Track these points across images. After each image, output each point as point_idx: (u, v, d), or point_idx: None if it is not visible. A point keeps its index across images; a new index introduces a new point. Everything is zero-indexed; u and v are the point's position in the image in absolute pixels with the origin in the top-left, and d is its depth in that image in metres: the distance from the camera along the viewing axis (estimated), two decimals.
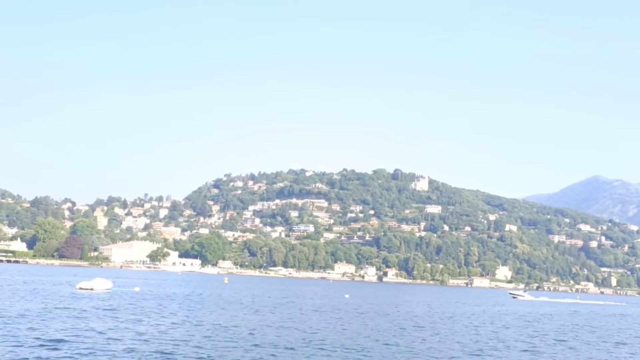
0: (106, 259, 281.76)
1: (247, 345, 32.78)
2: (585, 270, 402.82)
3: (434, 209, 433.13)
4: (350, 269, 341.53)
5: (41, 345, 28.99)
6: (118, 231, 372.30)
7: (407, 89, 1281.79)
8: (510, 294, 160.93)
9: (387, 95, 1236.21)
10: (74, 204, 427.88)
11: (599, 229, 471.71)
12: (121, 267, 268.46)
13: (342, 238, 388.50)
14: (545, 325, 59.64)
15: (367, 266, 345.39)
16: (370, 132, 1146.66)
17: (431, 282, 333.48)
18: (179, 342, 32.65)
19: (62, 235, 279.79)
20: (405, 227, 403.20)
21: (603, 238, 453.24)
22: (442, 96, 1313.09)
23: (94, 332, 34.81)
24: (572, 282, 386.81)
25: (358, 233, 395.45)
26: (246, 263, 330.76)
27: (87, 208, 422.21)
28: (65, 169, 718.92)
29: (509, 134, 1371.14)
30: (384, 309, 71.19)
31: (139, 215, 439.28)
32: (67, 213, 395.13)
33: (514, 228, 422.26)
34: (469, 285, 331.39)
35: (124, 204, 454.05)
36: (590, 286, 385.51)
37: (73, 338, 31.96)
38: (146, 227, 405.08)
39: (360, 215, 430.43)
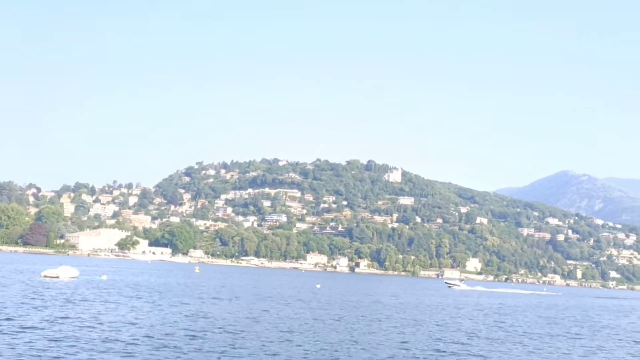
0: (73, 246, 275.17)
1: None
2: (553, 262, 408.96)
3: (406, 201, 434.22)
4: (323, 259, 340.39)
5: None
6: (85, 218, 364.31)
7: (382, 79, 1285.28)
8: (446, 283, 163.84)
9: (362, 86, 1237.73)
10: (39, 189, 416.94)
11: (566, 222, 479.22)
12: (89, 255, 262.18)
13: (315, 228, 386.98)
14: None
15: (339, 257, 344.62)
16: (345, 123, 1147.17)
17: (403, 273, 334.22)
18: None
19: (27, 222, 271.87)
20: (378, 218, 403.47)
21: (570, 231, 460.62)
22: (417, 88, 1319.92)
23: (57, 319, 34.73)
24: (539, 274, 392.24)
25: (331, 224, 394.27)
26: (218, 252, 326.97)
27: (52, 194, 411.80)
28: (30, 154, 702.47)
29: (482, 127, 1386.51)
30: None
31: (108, 203, 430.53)
32: (31, 199, 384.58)
33: (485, 221, 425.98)
34: (440, 277, 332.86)
35: (91, 191, 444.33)
36: (557, 278, 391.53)
37: (37, 324, 31.90)
38: (115, 215, 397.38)
39: (333, 205, 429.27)
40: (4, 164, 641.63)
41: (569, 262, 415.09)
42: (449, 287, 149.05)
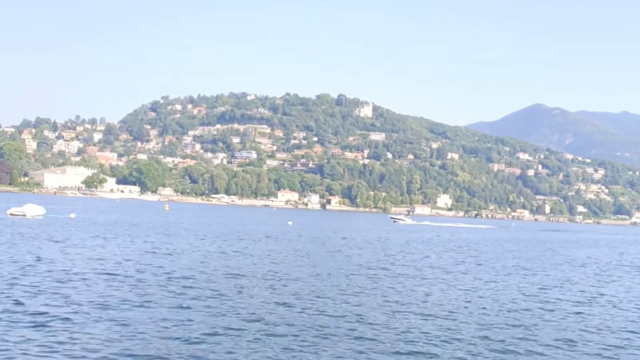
0: (38, 184, 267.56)
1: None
2: (522, 198, 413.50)
3: (377, 137, 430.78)
4: (294, 196, 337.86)
5: None
6: (49, 155, 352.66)
7: (353, 11, 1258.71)
8: (391, 218, 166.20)
9: (332, 17, 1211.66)
10: None
11: (537, 157, 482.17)
12: (55, 193, 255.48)
13: (286, 165, 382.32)
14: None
15: (310, 194, 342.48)
16: (314, 56, 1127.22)
17: (374, 210, 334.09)
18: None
19: None
20: (349, 155, 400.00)
21: (540, 166, 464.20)
22: (388, 21, 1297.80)
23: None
24: (509, 209, 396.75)
25: (301, 160, 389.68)
26: (187, 190, 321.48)
27: (13, 130, 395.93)
28: None
29: (455, 61, 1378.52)
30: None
31: (71, 139, 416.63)
32: None
33: (456, 156, 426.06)
34: (411, 213, 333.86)
35: (53, 127, 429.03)
36: (526, 213, 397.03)
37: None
38: (80, 152, 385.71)
39: (304, 142, 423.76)
40: None
41: (538, 197, 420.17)
42: (394, 221, 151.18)
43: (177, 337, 17.16)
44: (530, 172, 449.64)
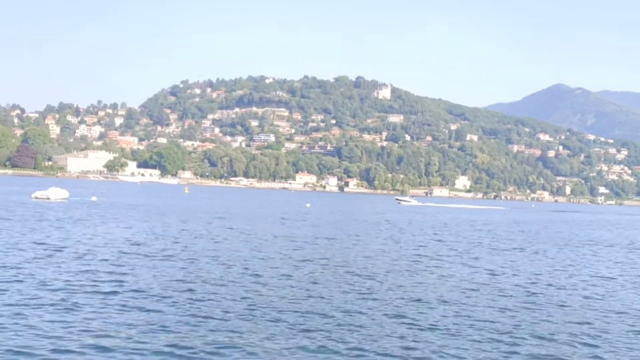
0: (61, 168, 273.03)
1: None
2: (542, 179, 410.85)
3: (395, 118, 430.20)
4: (312, 179, 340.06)
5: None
6: (72, 140, 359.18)
7: None
8: (396, 199, 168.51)
9: (350, 0, 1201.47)
10: (23, 110, 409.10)
11: (558, 138, 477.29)
12: (77, 177, 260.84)
13: (304, 148, 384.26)
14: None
15: (328, 176, 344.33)
16: (332, 37, 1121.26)
17: (392, 192, 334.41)
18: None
19: (13, 144, 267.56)
20: (367, 137, 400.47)
21: (561, 147, 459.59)
22: (404, 4, 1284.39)
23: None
24: (528, 191, 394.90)
25: (319, 143, 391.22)
26: (206, 173, 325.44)
27: (37, 115, 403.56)
28: (11, 73, 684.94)
29: (474, 41, 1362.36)
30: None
31: (93, 124, 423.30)
32: (16, 120, 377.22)
33: (475, 138, 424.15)
34: (429, 195, 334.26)
35: (76, 112, 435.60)
36: (546, 195, 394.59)
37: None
38: (101, 136, 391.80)
39: (322, 124, 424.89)
40: None
41: (558, 178, 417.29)
42: (399, 203, 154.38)
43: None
44: (551, 153, 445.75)
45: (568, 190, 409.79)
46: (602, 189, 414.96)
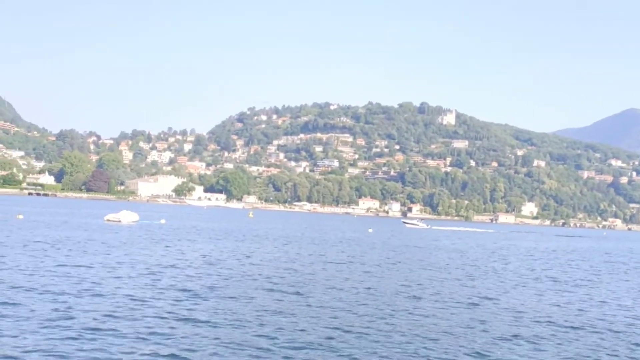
0: (132, 192, 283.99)
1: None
2: (614, 206, 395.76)
3: (460, 144, 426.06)
4: (375, 204, 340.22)
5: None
6: (143, 165, 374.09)
7: (436, 21, 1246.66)
8: (404, 222, 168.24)
9: (414, 26, 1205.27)
10: (99, 137, 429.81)
11: (631, 164, 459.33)
12: (147, 201, 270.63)
13: (367, 173, 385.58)
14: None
15: (391, 202, 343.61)
16: (396, 64, 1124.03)
17: (456, 218, 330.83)
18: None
19: (89, 169, 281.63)
20: (431, 162, 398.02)
21: (634, 173, 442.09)
22: (471, 29, 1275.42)
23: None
24: (599, 218, 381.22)
25: (383, 168, 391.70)
26: (271, 198, 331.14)
27: (111, 142, 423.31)
28: (89, 101, 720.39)
29: (542, 65, 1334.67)
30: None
31: (164, 150, 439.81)
32: (92, 147, 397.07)
33: (542, 163, 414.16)
34: (494, 222, 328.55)
35: (148, 138, 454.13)
36: (618, 222, 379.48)
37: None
38: (171, 162, 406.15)
39: (386, 150, 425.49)
40: (66, 112, 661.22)
41: (632, 205, 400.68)
42: (405, 225, 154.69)
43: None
44: (624, 180, 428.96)
45: None
46: None
